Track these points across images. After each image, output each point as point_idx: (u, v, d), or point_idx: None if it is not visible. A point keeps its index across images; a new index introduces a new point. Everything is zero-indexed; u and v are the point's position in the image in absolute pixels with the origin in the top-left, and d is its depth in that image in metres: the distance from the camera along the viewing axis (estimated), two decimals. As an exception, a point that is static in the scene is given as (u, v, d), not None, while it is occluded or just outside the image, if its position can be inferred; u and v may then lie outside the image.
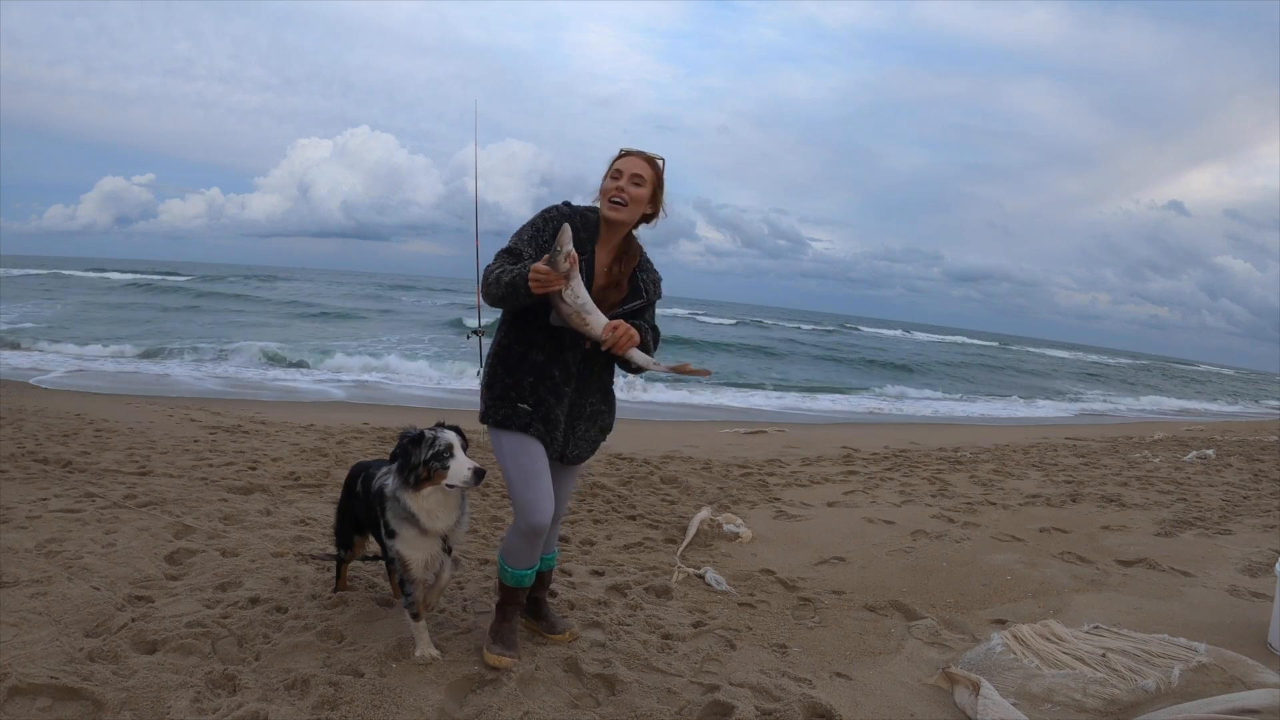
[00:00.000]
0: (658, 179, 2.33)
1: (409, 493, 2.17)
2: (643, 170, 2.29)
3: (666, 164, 2.37)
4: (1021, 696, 2.29)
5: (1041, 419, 14.29)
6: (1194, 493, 5.97)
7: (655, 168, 2.32)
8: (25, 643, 2.18)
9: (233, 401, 8.18)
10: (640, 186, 2.28)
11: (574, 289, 2.06)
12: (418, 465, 2.14)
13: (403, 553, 2.24)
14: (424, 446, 2.14)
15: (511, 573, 2.36)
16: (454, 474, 2.13)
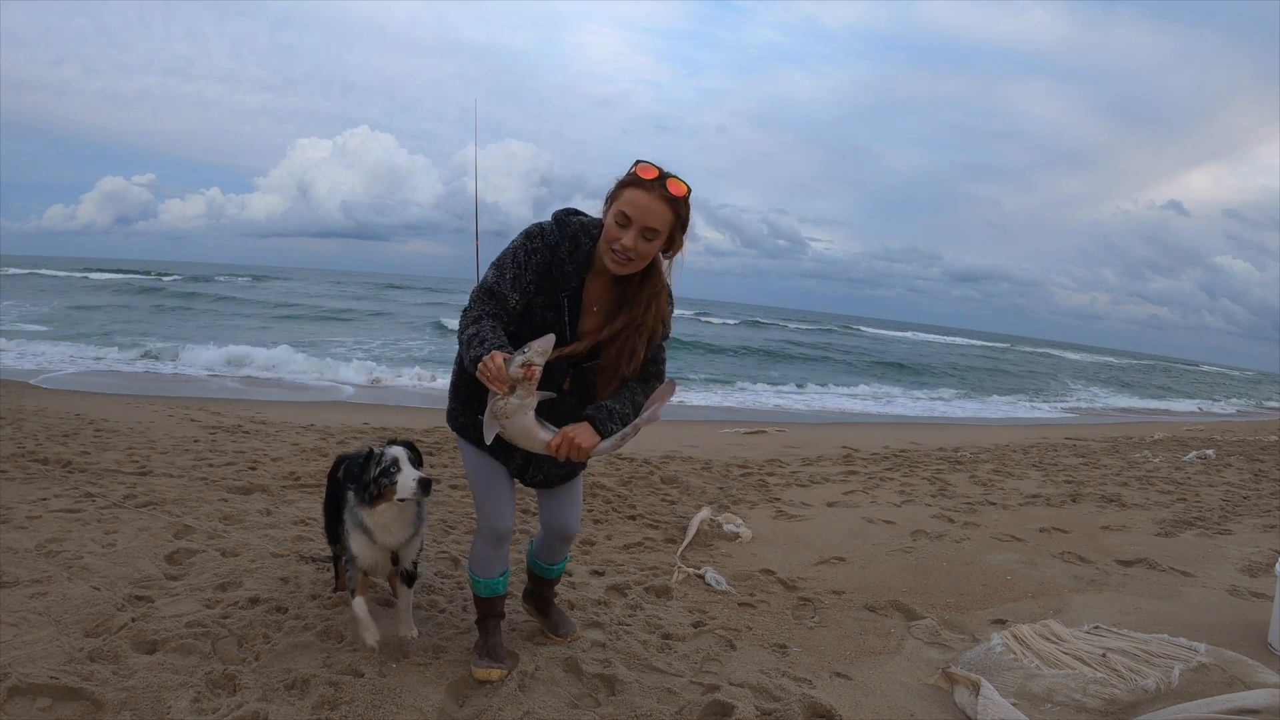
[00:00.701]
0: (678, 221, 1.89)
1: (365, 509, 2.21)
2: (659, 221, 1.85)
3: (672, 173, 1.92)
4: (1021, 696, 2.29)
5: (1058, 420, 14.29)
6: (1194, 493, 5.97)
7: (677, 211, 1.87)
8: (25, 643, 2.18)
9: (233, 401, 8.18)
10: (653, 240, 1.87)
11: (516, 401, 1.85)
12: (369, 483, 2.18)
13: (353, 548, 2.30)
14: (372, 464, 2.18)
15: (482, 582, 2.30)
16: (402, 487, 2.15)
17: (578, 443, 1.91)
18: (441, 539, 3.59)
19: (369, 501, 2.19)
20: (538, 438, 1.93)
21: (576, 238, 1.97)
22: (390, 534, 2.25)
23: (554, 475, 2.23)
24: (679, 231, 1.92)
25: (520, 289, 1.97)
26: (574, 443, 1.90)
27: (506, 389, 1.81)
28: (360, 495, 2.21)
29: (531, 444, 1.96)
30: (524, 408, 1.88)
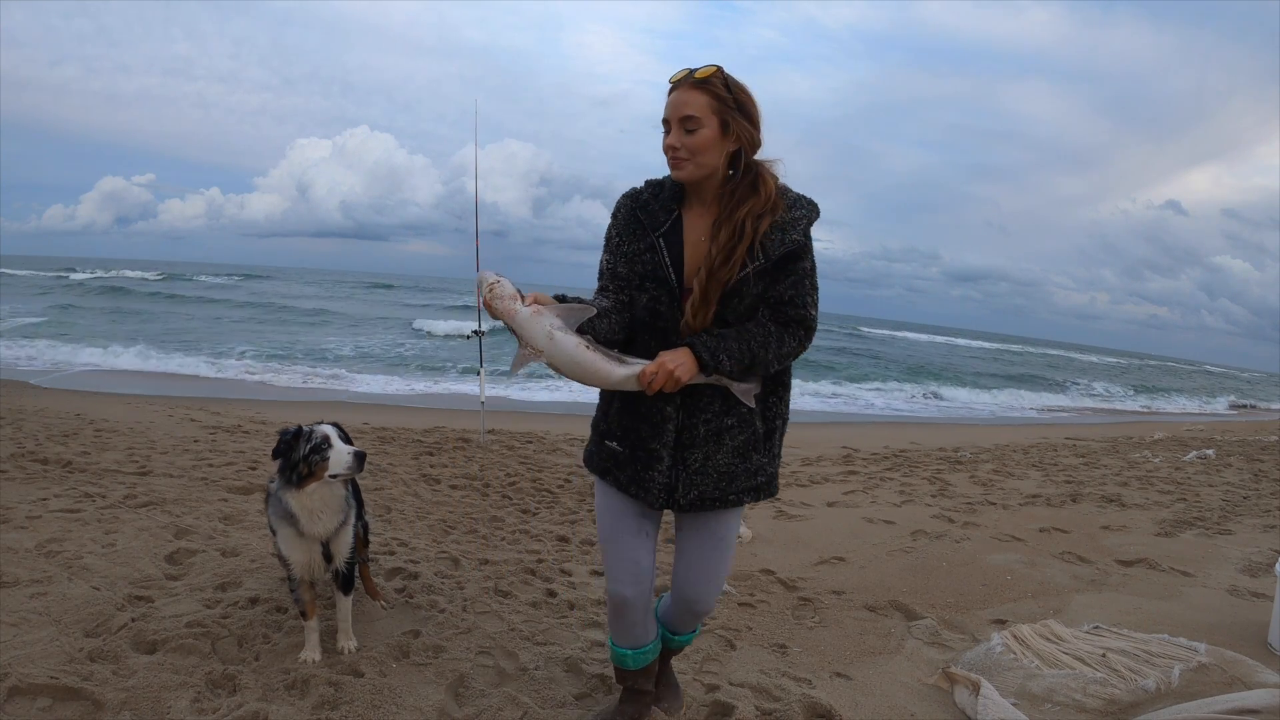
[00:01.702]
0: (720, 102, 1.64)
1: (292, 492, 2.13)
2: (692, 106, 1.63)
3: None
4: (1021, 696, 2.29)
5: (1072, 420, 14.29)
6: (1194, 493, 5.97)
7: (711, 90, 1.64)
8: (25, 643, 2.19)
9: (233, 401, 8.18)
10: (696, 130, 1.64)
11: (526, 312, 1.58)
12: (298, 461, 2.10)
13: (283, 553, 2.22)
14: (302, 441, 2.10)
15: (612, 648, 1.98)
16: (334, 462, 2.09)
17: (668, 368, 1.60)
18: (441, 539, 3.59)
19: (297, 482, 2.11)
20: (606, 370, 1.61)
21: (661, 182, 1.79)
22: (318, 521, 2.17)
23: (709, 492, 1.75)
24: (731, 114, 1.65)
25: (616, 252, 1.78)
26: (665, 368, 1.60)
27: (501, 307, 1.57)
28: (288, 476, 2.12)
29: (598, 376, 1.62)
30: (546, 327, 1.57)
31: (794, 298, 1.68)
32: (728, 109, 1.66)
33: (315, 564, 2.25)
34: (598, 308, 1.69)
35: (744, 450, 1.74)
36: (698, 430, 1.72)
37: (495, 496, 4.45)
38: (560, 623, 2.71)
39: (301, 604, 2.28)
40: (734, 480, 1.75)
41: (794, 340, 1.70)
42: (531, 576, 3.15)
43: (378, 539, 3.38)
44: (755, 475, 1.77)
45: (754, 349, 1.65)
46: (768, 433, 1.78)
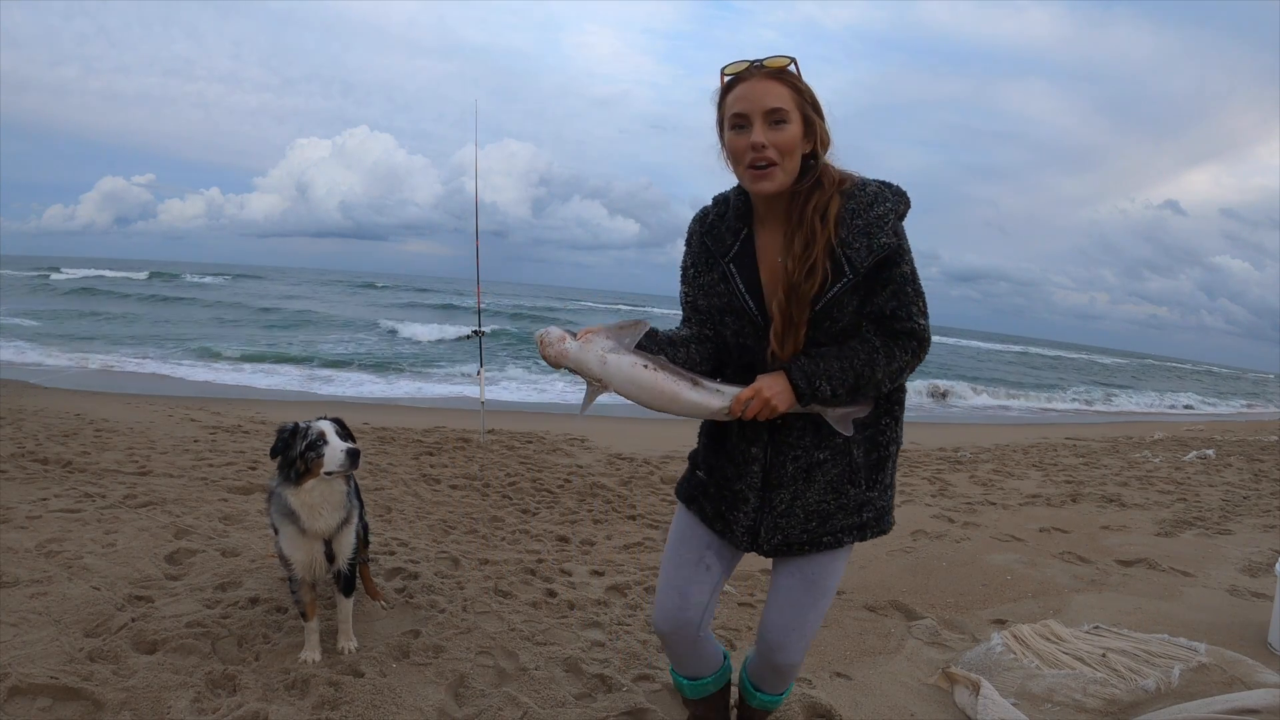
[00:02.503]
0: (801, 96, 1.44)
1: (291, 489, 2.13)
2: (780, 99, 1.41)
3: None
4: (1021, 696, 2.29)
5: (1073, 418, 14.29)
6: (1194, 493, 5.97)
7: (790, 83, 1.43)
8: (25, 643, 2.19)
9: (233, 401, 8.18)
10: (784, 125, 1.42)
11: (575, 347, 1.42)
12: (295, 458, 2.10)
13: (285, 552, 2.21)
14: (298, 438, 2.10)
15: (673, 675, 1.85)
16: (329, 459, 2.08)
17: (765, 395, 1.41)
18: (442, 539, 3.59)
19: (295, 479, 2.11)
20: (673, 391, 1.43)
21: (726, 198, 1.59)
22: (319, 517, 2.16)
23: (795, 535, 1.56)
24: (813, 112, 1.45)
25: (692, 284, 1.61)
26: (762, 395, 1.41)
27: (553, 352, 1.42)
28: (286, 473, 2.13)
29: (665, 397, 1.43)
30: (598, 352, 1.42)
31: (897, 309, 1.43)
32: (806, 104, 1.45)
33: (317, 563, 2.24)
34: (676, 337, 1.55)
35: (839, 485, 1.53)
36: (785, 469, 1.53)
37: (495, 496, 4.45)
38: (560, 623, 2.71)
39: (302, 605, 2.27)
40: (828, 519, 1.54)
41: (905, 354, 1.44)
42: (531, 576, 3.15)
43: (378, 539, 3.38)
44: (857, 512, 1.54)
45: (859, 369, 1.42)
46: (876, 462, 1.55)
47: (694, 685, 1.82)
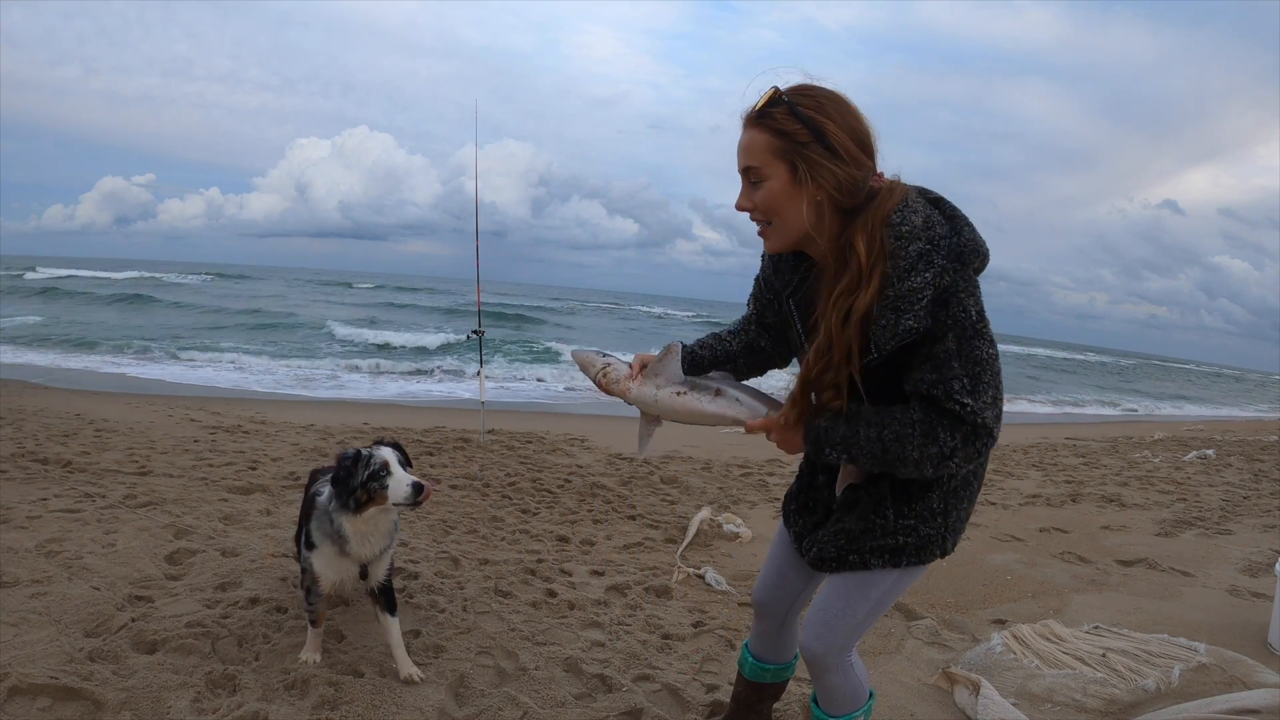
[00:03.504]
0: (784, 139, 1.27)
1: (347, 516, 2.05)
2: (753, 156, 1.31)
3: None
4: (1021, 696, 2.29)
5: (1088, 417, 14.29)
6: (1194, 493, 5.97)
7: (770, 126, 1.28)
8: (25, 643, 2.18)
9: (233, 401, 8.18)
10: (762, 184, 1.32)
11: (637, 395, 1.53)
12: (356, 488, 2.01)
13: (315, 568, 2.14)
14: (360, 467, 2.01)
15: (743, 649, 1.92)
16: (393, 492, 2.01)
17: (774, 439, 1.40)
18: (442, 539, 3.59)
19: (355, 508, 2.03)
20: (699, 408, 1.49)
21: None
22: (368, 544, 2.11)
23: (826, 553, 1.53)
24: (801, 153, 1.26)
25: (759, 299, 1.61)
26: (772, 438, 1.41)
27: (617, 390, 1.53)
28: (345, 500, 2.04)
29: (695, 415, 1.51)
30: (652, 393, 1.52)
31: (937, 383, 1.24)
32: (796, 147, 1.26)
33: (347, 582, 2.19)
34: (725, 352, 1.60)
35: (868, 513, 1.46)
36: (835, 493, 1.53)
37: (495, 496, 4.45)
38: (560, 623, 2.71)
39: (314, 612, 2.22)
40: (855, 540, 1.48)
41: (950, 439, 1.25)
42: (531, 576, 3.15)
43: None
44: (891, 535, 1.44)
45: (888, 443, 1.28)
46: (917, 489, 1.42)
47: (756, 666, 1.87)
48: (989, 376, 1.24)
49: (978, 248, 1.23)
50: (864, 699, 1.63)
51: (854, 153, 1.28)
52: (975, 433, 1.25)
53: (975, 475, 1.48)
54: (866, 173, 1.30)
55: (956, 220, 1.26)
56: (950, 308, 1.22)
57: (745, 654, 1.91)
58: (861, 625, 1.54)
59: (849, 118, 1.29)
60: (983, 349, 1.23)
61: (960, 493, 1.45)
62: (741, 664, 1.93)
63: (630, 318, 38.09)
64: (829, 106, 1.28)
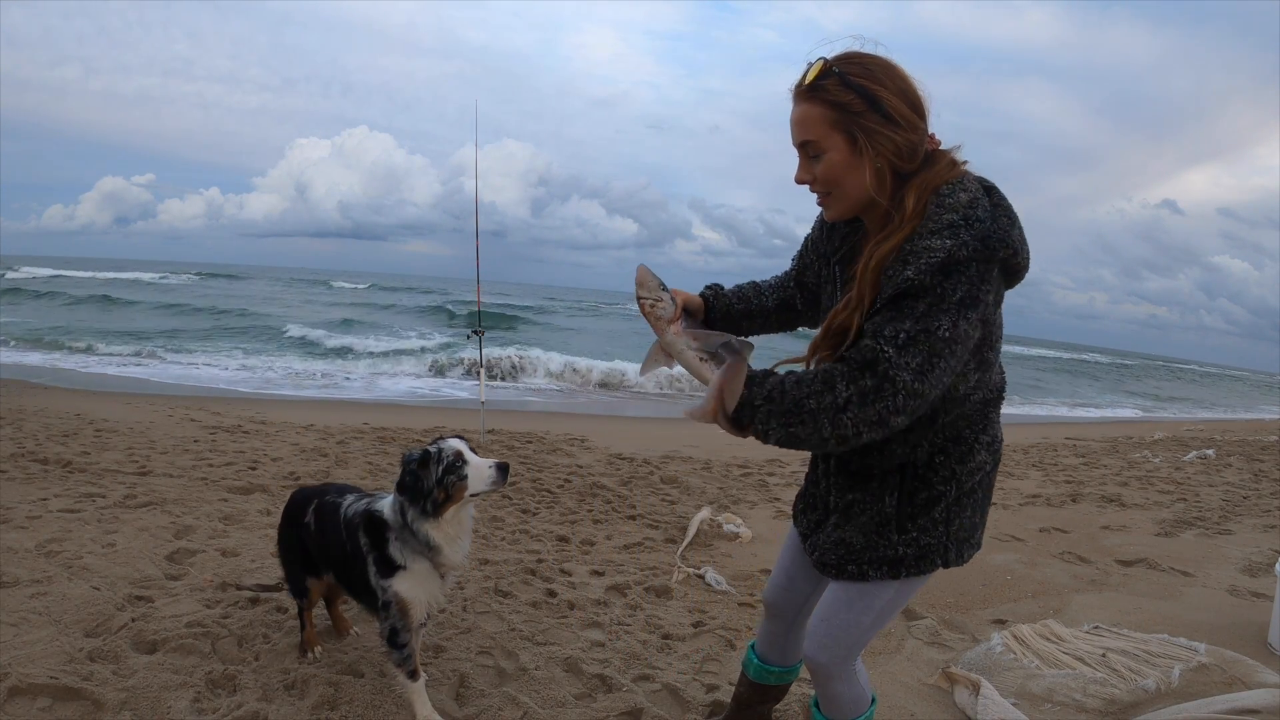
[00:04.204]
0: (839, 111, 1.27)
1: (430, 522, 1.86)
2: (810, 130, 1.30)
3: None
4: (1021, 696, 2.29)
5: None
6: (1194, 493, 5.97)
7: (824, 98, 1.27)
8: (25, 643, 2.19)
9: (233, 401, 8.17)
10: (823, 156, 1.31)
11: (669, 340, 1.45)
12: (432, 489, 1.83)
13: (405, 595, 1.91)
14: (433, 464, 1.84)
15: (749, 650, 1.92)
16: (475, 480, 1.84)
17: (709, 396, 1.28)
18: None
19: (433, 511, 1.84)
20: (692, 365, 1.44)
21: None
22: (459, 546, 1.91)
23: (827, 560, 1.53)
24: (858, 122, 1.26)
25: (802, 260, 1.63)
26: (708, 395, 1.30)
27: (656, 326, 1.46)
28: (422, 506, 1.84)
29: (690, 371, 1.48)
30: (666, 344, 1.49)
31: (880, 326, 1.21)
32: (852, 117, 1.26)
33: (437, 601, 2.00)
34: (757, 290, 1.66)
35: (869, 529, 1.45)
36: (830, 498, 1.54)
37: (495, 496, 4.45)
38: (560, 623, 2.71)
39: (412, 661, 1.97)
40: (855, 552, 1.47)
41: (845, 389, 1.20)
42: (531, 576, 3.15)
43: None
44: (892, 548, 1.45)
45: (788, 387, 1.24)
46: (924, 503, 1.42)
47: (760, 668, 1.87)
48: (930, 348, 1.18)
49: (1008, 241, 1.22)
50: (866, 704, 1.63)
51: (909, 117, 1.27)
52: (881, 386, 1.18)
53: (981, 485, 1.45)
54: (921, 135, 1.30)
55: (999, 210, 1.25)
56: (948, 278, 1.19)
57: (750, 655, 1.91)
58: (866, 634, 1.53)
59: (900, 82, 1.28)
60: (945, 327, 1.18)
61: (964, 501, 1.44)
62: (746, 665, 1.92)
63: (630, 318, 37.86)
64: (880, 73, 1.27)
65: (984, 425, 1.42)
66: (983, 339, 1.28)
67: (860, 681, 1.61)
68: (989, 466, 1.45)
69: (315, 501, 2.17)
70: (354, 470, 4.83)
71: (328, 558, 2.14)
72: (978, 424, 1.41)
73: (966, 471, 1.41)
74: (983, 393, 1.37)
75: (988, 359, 1.33)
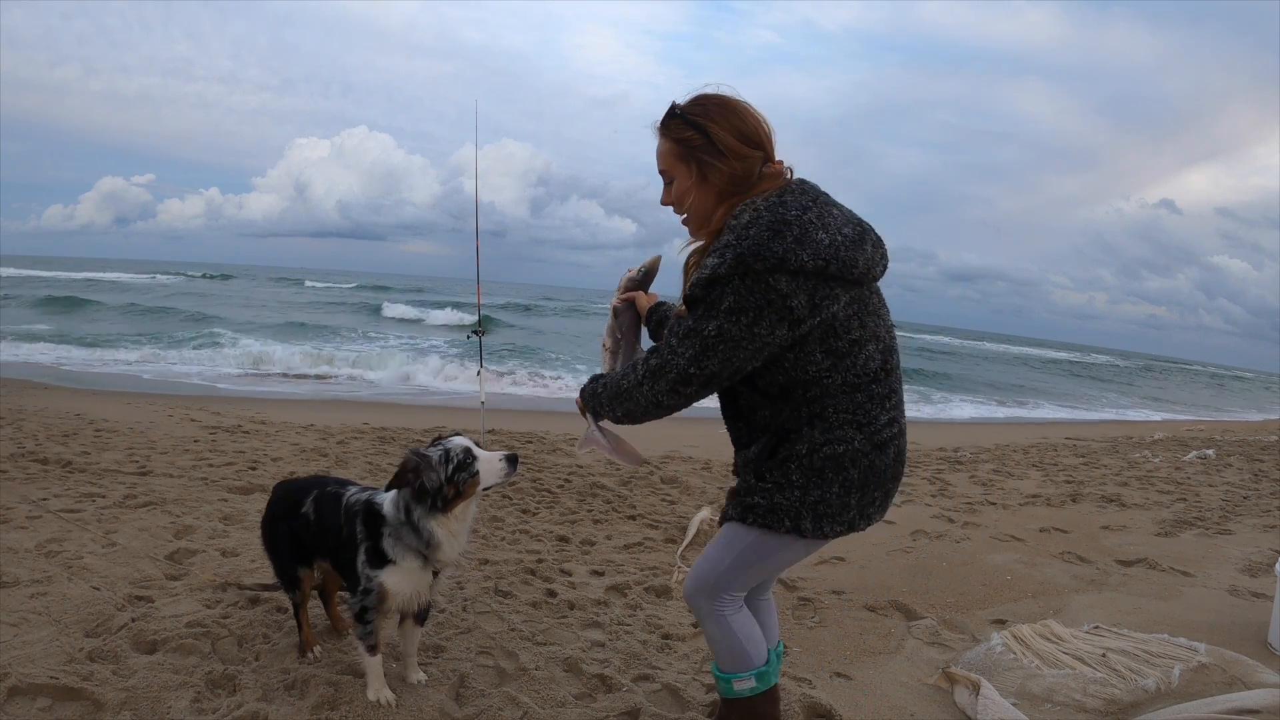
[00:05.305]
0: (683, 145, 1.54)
1: (438, 519, 1.87)
2: (661, 157, 1.60)
3: None
4: (1021, 696, 2.29)
5: (1041, 419, 14.28)
6: (1194, 493, 5.97)
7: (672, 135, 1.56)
8: (25, 643, 2.19)
9: (233, 401, 8.18)
10: (673, 184, 1.61)
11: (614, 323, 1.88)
12: (441, 486, 1.84)
13: (387, 586, 1.96)
14: (441, 463, 1.85)
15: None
16: (487, 474, 1.88)
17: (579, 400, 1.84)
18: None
19: (443, 506, 1.86)
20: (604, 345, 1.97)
21: None
22: (457, 543, 1.93)
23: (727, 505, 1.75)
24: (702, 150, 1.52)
25: None
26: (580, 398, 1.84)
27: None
28: (434, 502, 1.86)
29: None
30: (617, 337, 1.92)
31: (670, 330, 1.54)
32: (692, 150, 1.53)
33: (420, 595, 2.04)
34: None
35: (745, 474, 1.65)
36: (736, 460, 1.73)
37: (495, 496, 4.45)
38: (560, 623, 2.71)
39: (373, 637, 2.02)
40: (732, 496, 1.68)
41: (642, 368, 1.57)
42: (531, 576, 3.15)
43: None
44: (750, 495, 1.62)
45: (619, 380, 1.64)
46: (781, 460, 1.57)
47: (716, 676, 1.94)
48: (701, 343, 1.46)
49: (765, 255, 1.40)
50: (748, 663, 1.74)
51: (738, 149, 1.52)
52: (663, 366, 1.52)
53: (852, 464, 1.54)
54: (753, 163, 1.53)
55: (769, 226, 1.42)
56: (712, 291, 1.45)
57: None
58: (724, 576, 1.68)
59: (734, 119, 1.53)
60: (711, 329, 1.45)
61: (826, 474, 1.54)
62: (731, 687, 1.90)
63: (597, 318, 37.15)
64: (715, 112, 1.53)
65: (852, 408, 1.54)
66: (821, 333, 1.48)
67: (738, 635, 1.72)
68: (862, 448, 1.54)
69: (315, 492, 2.20)
70: (354, 470, 4.83)
71: (324, 545, 2.16)
72: (844, 405, 1.54)
73: (825, 442, 1.54)
74: (842, 376, 1.52)
75: (836, 348, 1.50)
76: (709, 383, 1.51)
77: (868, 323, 1.53)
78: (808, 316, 1.45)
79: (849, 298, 1.49)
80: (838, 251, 1.44)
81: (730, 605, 1.73)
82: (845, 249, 1.45)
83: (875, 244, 1.54)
